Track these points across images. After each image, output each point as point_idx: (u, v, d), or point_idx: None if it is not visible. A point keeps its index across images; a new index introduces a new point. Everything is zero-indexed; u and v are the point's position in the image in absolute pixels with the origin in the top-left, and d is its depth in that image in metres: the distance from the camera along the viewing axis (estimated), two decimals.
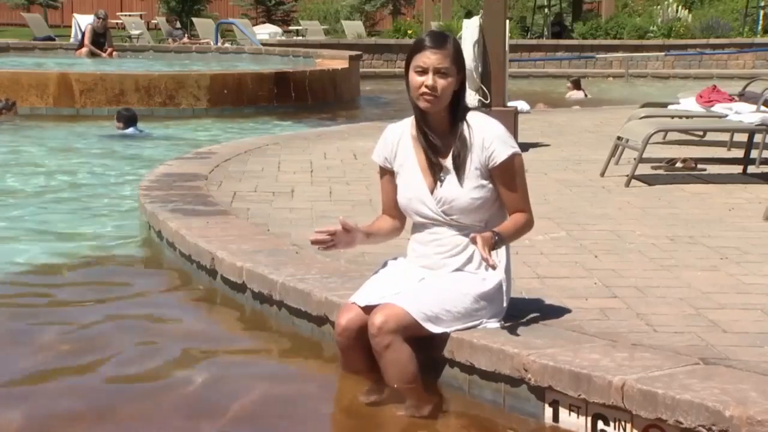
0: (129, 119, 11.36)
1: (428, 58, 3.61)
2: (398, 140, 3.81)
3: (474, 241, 3.54)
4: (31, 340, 4.40)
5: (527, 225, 3.76)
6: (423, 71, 3.62)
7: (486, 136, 3.67)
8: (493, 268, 3.56)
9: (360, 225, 3.88)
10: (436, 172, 3.72)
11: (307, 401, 3.76)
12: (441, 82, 3.61)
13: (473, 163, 3.68)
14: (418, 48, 3.66)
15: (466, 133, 3.68)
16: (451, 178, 3.69)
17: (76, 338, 4.45)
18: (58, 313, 4.81)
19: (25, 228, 6.58)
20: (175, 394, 3.80)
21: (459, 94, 3.70)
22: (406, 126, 3.82)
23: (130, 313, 4.81)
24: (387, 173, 3.87)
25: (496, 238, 3.61)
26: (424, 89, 3.61)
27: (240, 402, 3.71)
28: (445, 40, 3.67)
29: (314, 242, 3.73)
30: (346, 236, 3.75)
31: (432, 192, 3.72)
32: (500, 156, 3.66)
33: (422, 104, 3.65)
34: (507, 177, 3.69)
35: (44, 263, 5.72)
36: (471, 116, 3.73)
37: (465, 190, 3.68)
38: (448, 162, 3.70)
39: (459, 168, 3.68)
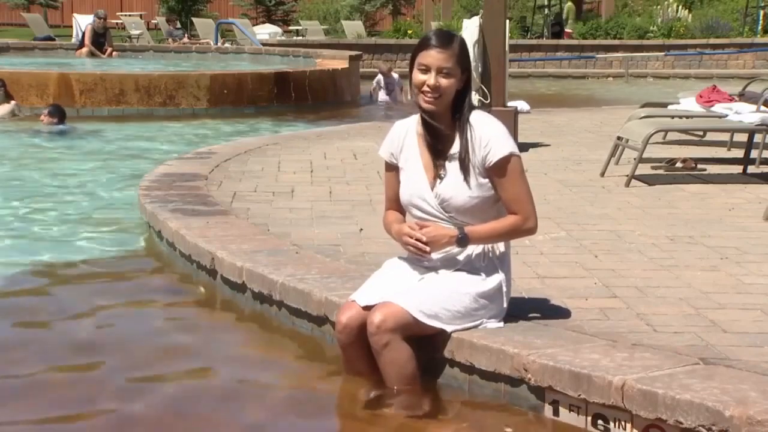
0: (60, 115, 11.40)
1: (432, 57, 3.61)
2: (404, 136, 3.81)
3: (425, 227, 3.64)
4: (30, 342, 4.41)
5: (517, 228, 3.71)
6: (426, 69, 3.62)
7: (484, 135, 3.66)
8: (425, 252, 3.64)
9: (395, 227, 3.82)
10: (437, 168, 3.72)
11: (307, 402, 3.76)
12: (443, 82, 3.61)
13: (472, 161, 3.67)
14: (423, 46, 3.66)
15: (467, 131, 3.68)
16: (451, 175, 3.69)
17: (75, 338, 4.45)
18: (57, 314, 4.81)
19: (23, 229, 6.58)
20: (173, 393, 3.80)
21: (463, 94, 3.70)
22: (413, 122, 3.82)
23: (130, 313, 4.81)
24: (392, 168, 3.86)
25: (460, 236, 3.63)
26: (425, 88, 3.61)
27: (239, 402, 3.71)
28: (451, 40, 3.66)
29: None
30: None
31: (432, 188, 3.72)
32: (496, 155, 3.65)
33: (423, 104, 3.65)
34: (502, 177, 3.67)
35: (44, 264, 5.71)
36: (473, 115, 3.73)
37: (463, 188, 3.67)
38: (449, 159, 3.70)
39: (459, 166, 3.68)
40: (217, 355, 4.22)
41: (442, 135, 3.70)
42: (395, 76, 16.33)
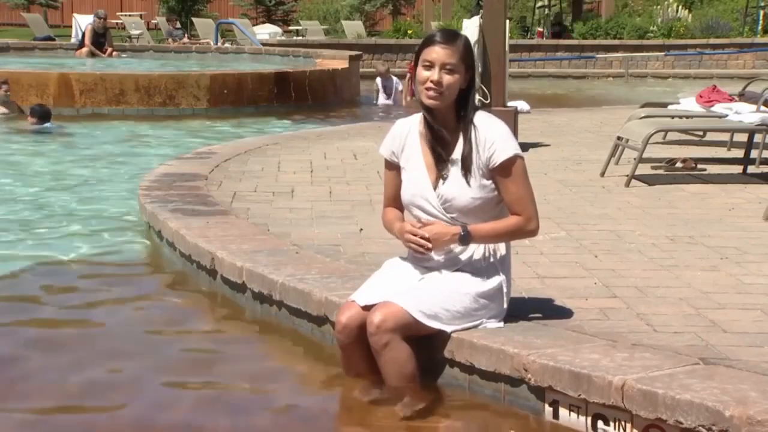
0: (43, 115, 11.43)
1: (436, 53, 3.62)
2: (406, 135, 3.81)
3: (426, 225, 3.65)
4: (30, 341, 4.41)
5: (519, 229, 3.72)
6: (430, 66, 3.63)
7: (488, 136, 3.67)
8: (428, 250, 3.65)
9: (397, 225, 3.83)
10: (440, 169, 3.72)
11: (307, 402, 3.76)
12: (447, 78, 3.61)
13: (476, 162, 3.68)
14: (427, 43, 3.67)
15: (471, 132, 3.68)
16: (453, 175, 3.69)
17: (75, 338, 4.45)
18: (57, 314, 4.81)
19: (18, 230, 6.57)
20: (173, 393, 3.80)
21: (467, 93, 3.70)
22: (415, 121, 3.82)
23: (130, 313, 4.81)
24: (393, 167, 3.87)
25: (463, 233, 3.64)
26: (429, 84, 3.61)
27: (239, 402, 3.71)
28: (456, 37, 3.68)
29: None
30: None
31: (435, 189, 3.72)
32: (500, 156, 3.65)
33: (426, 100, 3.65)
34: (506, 178, 3.67)
35: (45, 264, 5.71)
36: (477, 116, 3.73)
37: (466, 189, 3.67)
38: (452, 159, 3.71)
39: (463, 167, 3.68)
40: (216, 355, 4.22)
41: (444, 134, 3.70)
42: (394, 78, 16.16)
